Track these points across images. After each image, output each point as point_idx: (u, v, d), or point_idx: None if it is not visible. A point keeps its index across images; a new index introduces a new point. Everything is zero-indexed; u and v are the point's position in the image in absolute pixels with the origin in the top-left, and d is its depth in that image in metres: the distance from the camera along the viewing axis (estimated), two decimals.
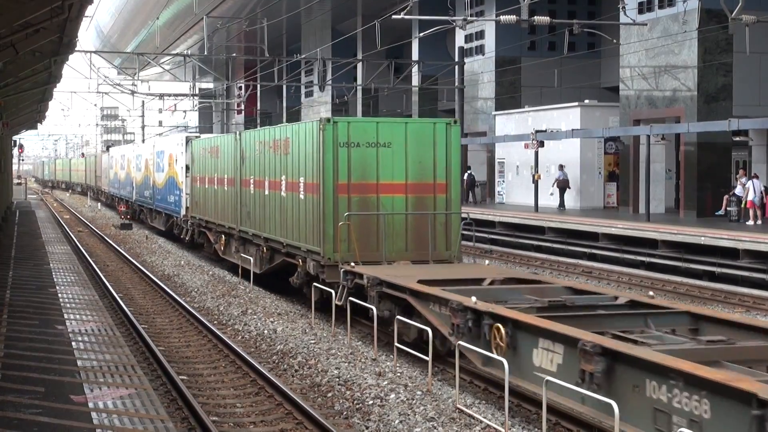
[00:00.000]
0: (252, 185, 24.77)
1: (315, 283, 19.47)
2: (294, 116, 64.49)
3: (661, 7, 35.39)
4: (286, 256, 21.93)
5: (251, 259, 24.48)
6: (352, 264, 18.19)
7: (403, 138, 19.76)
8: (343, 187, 19.47)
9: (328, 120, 19.54)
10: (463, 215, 20.71)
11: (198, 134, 38.81)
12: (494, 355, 12.53)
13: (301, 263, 20.72)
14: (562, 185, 40.13)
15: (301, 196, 20.55)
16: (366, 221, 19.44)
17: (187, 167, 33.82)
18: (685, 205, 35.13)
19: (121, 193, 55.55)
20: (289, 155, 21.42)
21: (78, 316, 18.04)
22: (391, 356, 15.81)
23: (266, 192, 23.27)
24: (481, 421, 12.21)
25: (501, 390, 12.75)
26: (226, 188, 27.83)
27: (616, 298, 14.30)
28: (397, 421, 12.22)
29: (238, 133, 26.76)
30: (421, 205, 19.81)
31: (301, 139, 20.66)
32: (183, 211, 34.56)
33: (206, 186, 30.87)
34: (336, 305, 18.08)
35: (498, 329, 12.56)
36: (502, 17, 33.94)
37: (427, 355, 14.10)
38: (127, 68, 70.68)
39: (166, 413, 11.54)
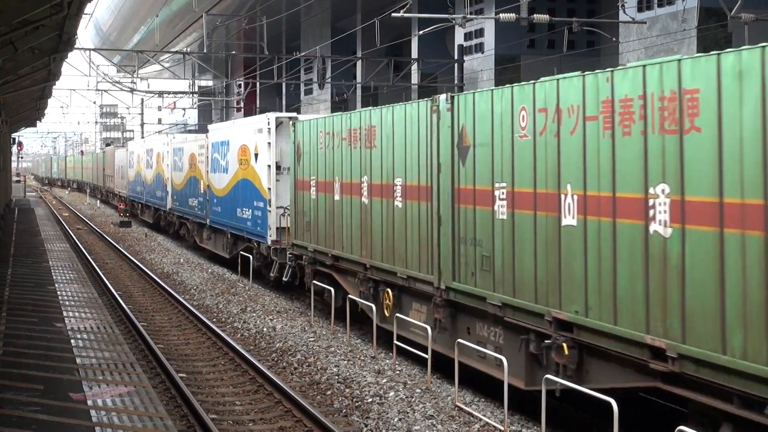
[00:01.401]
0: (501, 202, 12.54)
1: None
2: None
3: (660, 5, 35.42)
4: (667, 379, 9.72)
5: (500, 357, 12.40)
6: None
7: None
8: None
9: None
10: None
11: (294, 113, 24.90)
12: None
13: None
14: None
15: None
16: None
17: (279, 166, 23.25)
18: None
19: (146, 199, 44.25)
20: (701, 133, 9.23)
21: (77, 314, 18.03)
22: (391, 354, 15.81)
23: (577, 219, 10.94)
24: (480, 419, 12.21)
25: (500, 387, 12.73)
26: (398, 204, 15.61)
27: None
28: (396, 419, 12.22)
29: (447, 96, 14.09)
30: None
31: None
32: (272, 236, 22.92)
33: (335, 197, 18.41)
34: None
35: None
36: (501, 15, 33.94)
37: (426, 353, 14.09)
38: (127, 66, 70.66)
39: (165, 411, 11.53)
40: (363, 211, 17.04)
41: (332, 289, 18.49)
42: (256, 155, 24.24)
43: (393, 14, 36.15)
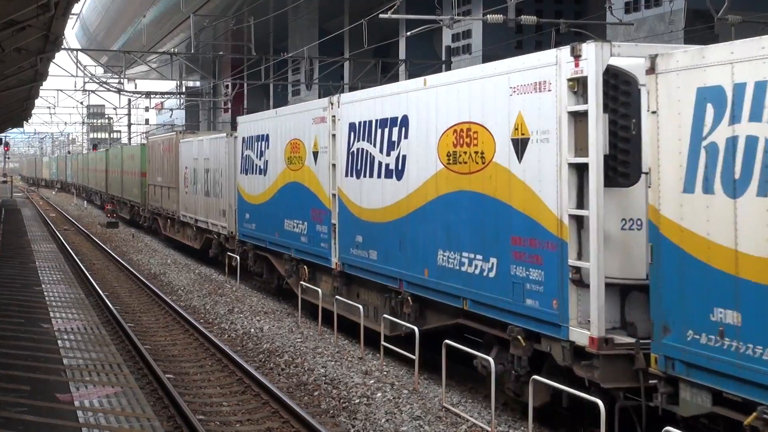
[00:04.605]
0: None
1: None
2: None
3: (647, 7, 35.52)
4: None
5: None
6: None
7: None
8: None
9: None
10: None
11: None
12: None
13: None
14: None
15: None
16: None
17: None
18: None
19: (367, 264, 16.06)
20: None
21: (64, 315, 17.99)
22: (378, 355, 15.82)
23: None
24: (468, 420, 12.23)
25: (487, 389, 12.77)
26: None
27: None
28: (383, 420, 12.23)
29: None
30: None
31: None
32: None
33: None
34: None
35: None
36: (489, 16, 33.99)
37: (414, 354, 14.11)
38: (114, 66, 70.52)
39: (153, 412, 11.53)
40: None
41: None
42: None
43: (381, 15, 36.16)
